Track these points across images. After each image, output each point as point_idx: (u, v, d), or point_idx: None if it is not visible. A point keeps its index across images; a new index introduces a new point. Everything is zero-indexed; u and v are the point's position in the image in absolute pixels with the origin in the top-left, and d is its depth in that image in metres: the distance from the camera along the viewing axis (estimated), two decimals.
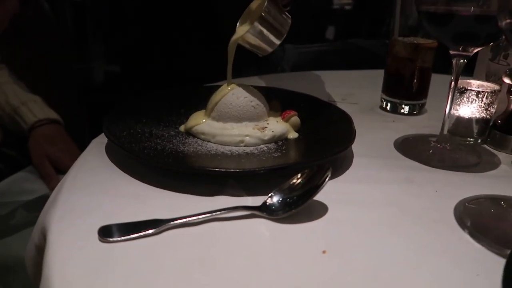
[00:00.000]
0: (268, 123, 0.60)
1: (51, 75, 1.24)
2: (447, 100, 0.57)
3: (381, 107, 0.80)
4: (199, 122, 0.59)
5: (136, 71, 1.17)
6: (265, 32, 0.58)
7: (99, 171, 0.52)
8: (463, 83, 0.64)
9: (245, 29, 0.59)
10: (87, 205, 0.44)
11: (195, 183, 0.48)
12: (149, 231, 0.39)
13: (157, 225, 0.40)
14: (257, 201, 0.44)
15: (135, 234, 0.38)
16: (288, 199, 0.43)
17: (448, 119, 0.59)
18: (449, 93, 0.57)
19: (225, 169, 0.49)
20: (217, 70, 0.92)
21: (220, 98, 0.59)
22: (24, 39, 1.13)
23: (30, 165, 0.86)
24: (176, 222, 0.40)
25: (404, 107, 0.77)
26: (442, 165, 0.56)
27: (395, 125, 0.73)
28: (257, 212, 0.42)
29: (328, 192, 0.44)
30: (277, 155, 0.55)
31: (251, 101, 0.60)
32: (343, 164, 0.55)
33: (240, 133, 0.57)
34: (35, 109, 0.89)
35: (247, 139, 0.57)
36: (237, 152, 0.55)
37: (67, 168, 0.83)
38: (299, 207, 0.42)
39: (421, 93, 0.77)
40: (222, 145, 0.57)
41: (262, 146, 0.57)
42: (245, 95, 0.60)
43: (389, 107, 0.79)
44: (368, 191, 0.49)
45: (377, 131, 0.69)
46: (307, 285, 0.34)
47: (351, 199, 0.47)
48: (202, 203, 0.45)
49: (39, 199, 0.77)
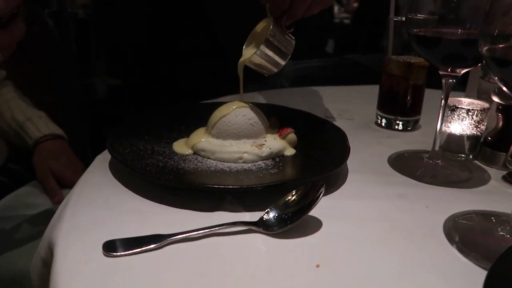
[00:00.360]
0: (265, 140, 0.62)
1: (55, 90, 1.27)
2: (438, 118, 0.60)
3: (377, 123, 0.82)
4: (199, 140, 0.61)
5: (138, 86, 1.19)
6: (270, 54, 0.61)
7: (103, 187, 0.54)
8: (454, 101, 0.67)
9: (251, 51, 0.61)
10: (92, 220, 0.46)
11: (195, 199, 0.50)
12: (151, 246, 0.41)
13: (159, 240, 0.42)
14: (254, 216, 0.46)
15: (138, 248, 0.40)
16: (284, 215, 0.45)
17: (440, 136, 0.61)
18: (439, 111, 0.59)
19: (224, 186, 0.51)
20: (217, 85, 0.95)
21: (220, 118, 0.61)
22: (29, 56, 1.16)
23: (34, 179, 0.88)
24: (177, 237, 0.42)
25: (398, 123, 0.79)
26: (434, 181, 0.58)
27: (389, 141, 0.75)
28: (254, 228, 0.45)
29: (322, 208, 0.46)
30: (274, 171, 0.57)
31: (249, 119, 0.62)
32: (338, 180, 0.57)
33: (238, 150, 0.59)
34: (40, 124, 0.91)
35: (245, 156, 0.59)
36: (235, 169, 0.57)
37: (70, 183, 0.86)
38: (294, 222, 0.44)
39: (415, 109, 0.79)
40: (221, 161, 0.59)
41: (260, 163, 0.59)
42: (244, 113, 0.62)
43: (384, 123, 0.81)
44: (361, 207, 0.51)
45: (372, 147, 0.71)
46: None
47: (344, 214, 0.49)
48: (202, 218, 0.47)
49: (43, 213, 0.79)
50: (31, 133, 0.90)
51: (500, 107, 0.63)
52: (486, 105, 0.65)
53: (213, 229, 0.43)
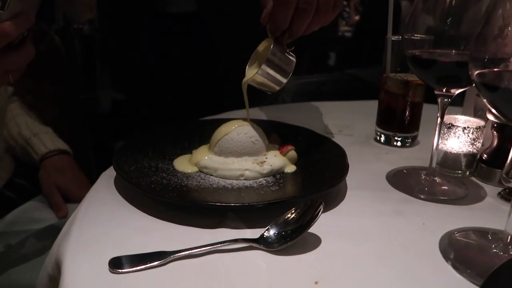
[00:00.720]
0: (266, 158, 0.64)
1: (60, 104, 1.29)
2: (434, 135, 0.61)
3: (376, 139, 0.84)
4: (203, 157, 0.63)
5: (142, 100, 1.21)
6: (272, 73, 0.63)
7: (108, 204, 0.55)
8: (450, 118, 0.68)
9: (254, 71, 0.63)
10: (98, 237, 0.48)
11: (198, 215, 0.52)
12: (155, 263, 0.42)
13: (163, 257, 0.43)
14: (255, 233, 0.48)
15: (142, 265, 0.42)
16: (284, 232, 0.47)
17: (437, 153, 0.62)
18: (435, 129, 0.61)
19: (226, 203, 0.53)
20: (220, 101, 0.97)
21: (222, 136, 0.63)
22: (35, 71, 1.18)
23: (40, 194, 0.90)
24: (180, 254, 0.44)
25: (397, 139, 0.81)
26: (431, 198, 0.60)
27: (388, 157, 0.76)
28: (255, 244, 0.46)
29: (321, 225, 0.48)
30: (274, 188, 0.58)
31: (250, 137, 0.64)
32: (337, 197, 0.59)
33: (240, 167, 0.61)
34: (46, 140, 0.93)
35: (246, 173, 0.61)
36: (237, 186, 0.59)
37: (75, 197, 0.87)
38: (293, 239, 0.46)
39: (413, 126, 0.81)
40: (223, 178, 0.61)
41: (261, 180, 0.61)
42: (245, 131, 0.64)
43: (383, 139, 0.82)
44: (359, 223, 0.53)
45: (371, 163, 0.73)
46: None
47: (343, 231, 0.51)
48: (204, 235, 0.48)
49: (48, 228, 0.80)
50: (37, 148, 0.92)
51: (495, 125, 0.64)
52: (482, 123, 0.67)
53: (215, 246, 0.45)
